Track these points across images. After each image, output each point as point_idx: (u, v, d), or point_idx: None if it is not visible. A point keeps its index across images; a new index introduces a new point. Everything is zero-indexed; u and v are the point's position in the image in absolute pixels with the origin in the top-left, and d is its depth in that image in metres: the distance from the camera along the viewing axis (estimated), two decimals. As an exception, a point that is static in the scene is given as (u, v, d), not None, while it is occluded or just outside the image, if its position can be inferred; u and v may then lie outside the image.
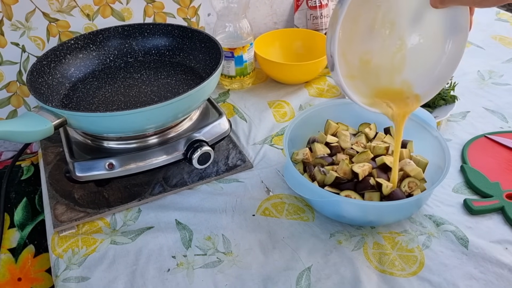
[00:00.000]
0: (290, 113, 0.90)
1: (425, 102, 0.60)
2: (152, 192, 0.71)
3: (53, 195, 0.70)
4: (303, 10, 1.05)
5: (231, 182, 0.73)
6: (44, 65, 0.74)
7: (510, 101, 0.90)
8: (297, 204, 0.69)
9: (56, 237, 0.65)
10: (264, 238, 0.63)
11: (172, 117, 0.67)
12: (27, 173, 0.82)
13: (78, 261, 0.61)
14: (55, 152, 0.79)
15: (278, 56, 1.03)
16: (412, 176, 0.64)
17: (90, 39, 0.82)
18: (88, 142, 0.70)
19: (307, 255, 0.61)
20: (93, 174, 0.65)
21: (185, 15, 0.97)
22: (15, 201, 0.77)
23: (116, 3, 0.89)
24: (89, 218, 0.67)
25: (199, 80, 0.79)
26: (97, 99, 0.74)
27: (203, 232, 0.65)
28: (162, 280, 0.58)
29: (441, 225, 0.64)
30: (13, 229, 0.74)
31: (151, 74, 0.81)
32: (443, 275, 0.57)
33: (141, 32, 0.86)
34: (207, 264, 0.60)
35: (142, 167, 0.67)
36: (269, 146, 0.80)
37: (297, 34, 1.04)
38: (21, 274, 0.71)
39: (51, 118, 0.60)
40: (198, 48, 0.82)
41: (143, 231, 0.65)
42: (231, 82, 0.96)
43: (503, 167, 0.73)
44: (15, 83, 0.87)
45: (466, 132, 0.82)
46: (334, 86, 0.98)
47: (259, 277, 0.58)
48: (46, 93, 0.72)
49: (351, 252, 0.61)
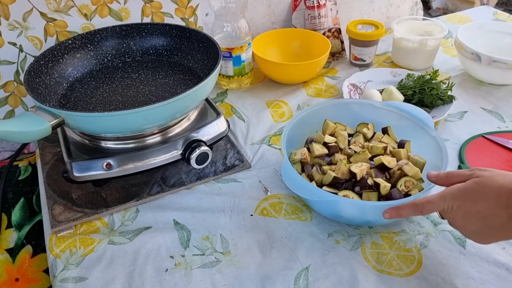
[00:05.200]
0: (288, 113, 0.90)
1: None
2: (150, 192, 0.71)
3: (51, 195, 0.70)
4: (301, 10, 1.05)
5: (229, 182, 0.73)
6: (42, 65, 0.74)
7: (508, 101, 0.91)
8: (295, 204, 0.69)
9: (53, 237, 0.65)
10: (262, 238, 0.63)
11: (170, 117, 0.67)
12: (25, 173, 0.82)
13: (76, 261, 0.61)
14: (53, 152, 0.79)
15: (276, 56, 1.03)
16: (410, 176, 0.64)
17: (87, 39, 0.82)
18: (85, 142, 0.70)
19: (305, 255, 0.61)
20: (91, 174, 0.65)
21: (183, 15, 0.97)
22: (13, 201, 0.76)
23: (114, 3, 0.88)
24: (87, 218, 0.66)
25: (197, 80, 0.79)
26: (94, 99, 0.74)
27: (201, 232, 0.65)
28: (160, 280, 0.58)
29: (439, 225, 0.64)
30: (10, 229, 0.74)
31: (149, 74, 0.81)
32: (440, 275, 0.57)
33: (139, 32, 0.86)
34: (205, 264, 0.60)
35: (140, 167, 0.67)
36: (267, 146, 0.81)
37: (295, 34, 1.04)
38: (19, 275, 0.70)
39: (49, 118, 0.59)
40: (196, 48, 0.82)
41: (141, 231, 0.65)
42: (229, 82, 0.96)
43: (501, 167, 0.73)
44: (13, 83, 0.87)
45: (464, 132, 0.82)
46: (332, 86, 0.98)
47: (257, 277, 0.58)
48: (44, 93, 0.72)
49: (349, 252, 0.61)
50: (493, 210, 0.49)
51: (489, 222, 0.50)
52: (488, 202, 0.49)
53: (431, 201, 0.53)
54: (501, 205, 0.49)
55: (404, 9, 1.26)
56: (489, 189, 0.50)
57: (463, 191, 0.51)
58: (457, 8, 2.57)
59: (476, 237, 0.53)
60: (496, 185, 0.50)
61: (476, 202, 0.50)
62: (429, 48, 0.99)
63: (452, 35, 1.18)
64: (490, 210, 0.49)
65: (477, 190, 0.50)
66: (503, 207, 0.48)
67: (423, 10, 1.30)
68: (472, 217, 0.51)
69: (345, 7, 1.15)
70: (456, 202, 0.51)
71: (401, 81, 0.94)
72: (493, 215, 0.49)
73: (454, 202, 0.51)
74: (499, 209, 0.49)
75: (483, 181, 0.51)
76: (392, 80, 0.96)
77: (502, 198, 0.49)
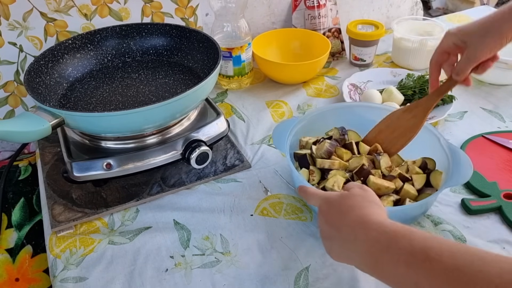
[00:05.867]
0: (288, 113, 0.90)
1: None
2: (150, 192, 0.71)
3: (51, 195, 0.70)
4: (301, 10, 1.05)
5: (229, 182, 0.73)
6: (42, 65, 0.74)
7: (508, 101, 0.91)
8: (295, 204, 0.69)
9: (54, 237, 0.65)
10: (262, 238, 0.63)
11: (170, 117, 0.67)
12: (25, 173, 0.82)
13: (76, 261, 0.61)
14: (53, 152, 0.79)
15: (276, 56, 1.03)
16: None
17: (87, 39, 0.82)
18: (86, 142, 0.70)
19: (305, 255, 0.61)
20: (91, 174, 0.65)
21: (183, 15, 0.97)
22: (13, 201, 0.76)
23: (114, 3, 0.89)
24: (87, 218, 0.66)
25: (197, 80, 0.79)
26: (94, 99, 0.74)
27: (201, 232, 0.65)
28: (160, 280, 0.58)
29: (439, 225, 0.64)
30: (10, 229, 0.74)
31: (149, 74, 0.81)
32: (440, 275, 0.57)
33: (139, 32, 0.86)
34: (205, 264, 0.60)
35: (140, 167, 0.67)
36: (267, 146, 0.80)
37: (295, 34, 1.04)
38: (19, 275, 0.70)
39: (49, 118, 0.59)
40: (196, 48, 0.82)
41: (141, 231, 0.65)
42: (229, 82, 0.96)
43: (501, 167, 0.73)
44: (13, 83, 0.87)
45: (464, 132, 0.82)
46: (332, 86, 0.98)
47: (257, 277, 0.58)
48: (44, 93, 0.72)
49: (349, 251, 0.61)
50: (344, 226, 0.46)
51: (342, 235, 0.46)
52: (341, 216, 0.47)
53: (314, 194, 0.52)
54: (348, 223, 0.45)
55: (404, 9, 1.26)
56: (344, 205, 0.48)
57: (331, 198, 0.49)
58: (457, 8, 2.56)
59: (326, 244, 0.49)
60: (348, 203, 0.47)
61: (334, 212, 0.48)
62: (429, 48, 0.99)
63: (452, 35, 1.18)
64: (342, 225, 0.46)
65: (338, 201, 0.48)
66: (350, 226, 0.45)
67: (423, 10, 1.30)
68: (328, 225, 0.48)
69: (345, 7, 1.15)
70: (324, 205, 0.50)
71: (401, 81, 0.94)
72: (344, 230, 0.46)
73: (322, 204, 0.50)
74: (347, 227, 0.45)
75: (346, 195, 0.49)
76: (392, 80, 0.96)
77: (349, 218, 0.46)
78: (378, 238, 0.42)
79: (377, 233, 0.42)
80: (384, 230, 0.42)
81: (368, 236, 0.43)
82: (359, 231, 0.44)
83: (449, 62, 0.64)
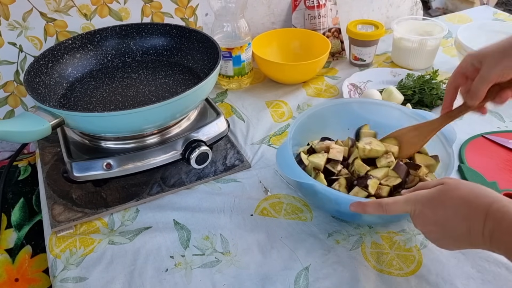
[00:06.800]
0: (288, 113, 0.90)
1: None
2: (150, 192, 0.71)
3: (51, 195, 0.70)
4: (300, 10, 1.05)
5: (229, 182, 0.73)
6: (42, 65, 0.74)
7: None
8: (295, 204, 0.69)
9: (53, 237, 0.65)
10: (262, 238, 0.63)
11: (170, 117, 0.67)
12: (24, 173, 0.82)
13: (76, 261, 0.61)
14: (53, 152, 0.79)
15: (276, 56, 1.03)
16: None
17: (87, 39, 0.82)
18: (85, 142, 0.70)
19: (305, 255, 0.61)
20: (91, 174, 0.65)
21: (183, 15, 0.97)
22: (12, 202, 0.76)
23: (114, 3, 0.88)
24: (87, 218, 0.66)
25: (197, 80, 0.79)
26: (94, 99, 0.74)
27: (201, 232, 0.65)
28: (160, 280, 0.58)
29: (439, 225, 0.64)
30: (10, 229, 0.74)
31: (149, 74, 0.81)
32: (440, 275, 0.57)
33: (139, 32, 0.86)
34: (205, 264, 0.60)
35: (140, 167, 0.67)
36: (267, 146, 0.80)
37: (295, 34, 1.04)
38: (18, 275, 0.70)
39: (49, 118, 0.59)
40: (196, 48, 0.82)
41: (141, 231, 0.65)
42: (229, 82, 0.96)
43: (501, 166, 0.73)
44: (12, 83, 0.87)
45: (464, 131, 0.82)
46: (332, 86, 0.98)
47: (257, 277, 0.58)
48: (44, 93, 0.72)
49: (349, 251, 0.61)
50: (451, 221, 0.47)
51: (447, 231, 0.48)
52: (446, 211, 0.48)
53: (396, 203, 0.52)
54: (460, 216, 0.47)
55: (404, 9, 1.26)
56: (449, 198, 0.48)
57: (425, 197, 0.50)
58: (457, 8, 2.57)
59: (437, 244, 0.51)
60: (456, 195, 0.48)
61: (435, 210, 0.49)
62: (429, 48, 0.99)
63: (452, 35, 1.18)
64: (448, 220, 0.48)
65: (437, 198, 0.49)
66: (462, 219, 0.47)
67: (423, 10, 1.30)
68: (431, 225, 0.49)
69: (345, 7, 1.15)
70: (418, 207, 0.50)
71: (401, 81, 0.94)
72: (451, 225, 0.47)
73: (416, 207, 0.50)
74: (457, 220, 0.47)
75: (446, 189, 0.49)
76: (392, 80, 0.96)
77: (461, 209, 0.47)
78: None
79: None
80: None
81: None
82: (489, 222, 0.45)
83: (466, 87, 0.62)
